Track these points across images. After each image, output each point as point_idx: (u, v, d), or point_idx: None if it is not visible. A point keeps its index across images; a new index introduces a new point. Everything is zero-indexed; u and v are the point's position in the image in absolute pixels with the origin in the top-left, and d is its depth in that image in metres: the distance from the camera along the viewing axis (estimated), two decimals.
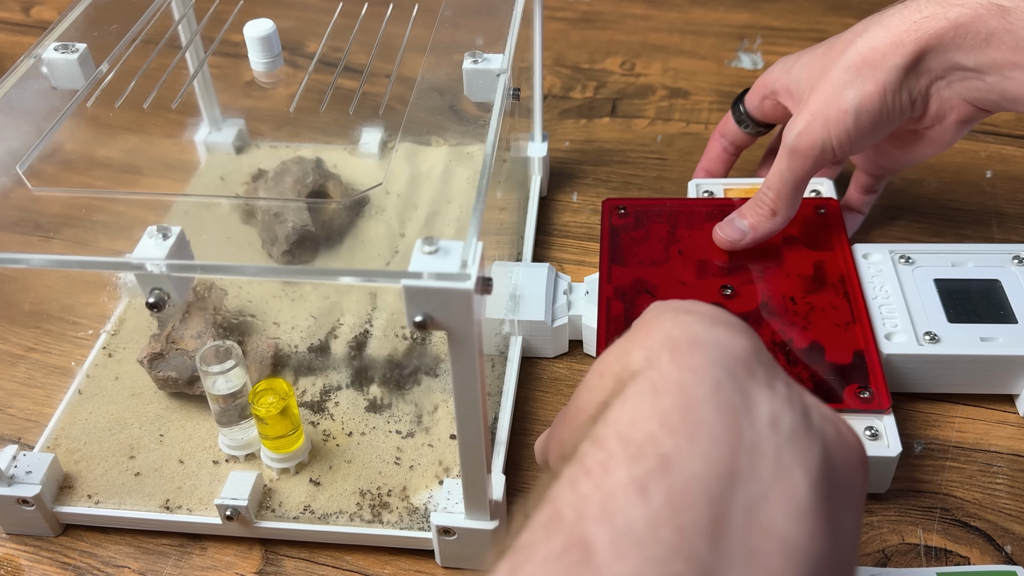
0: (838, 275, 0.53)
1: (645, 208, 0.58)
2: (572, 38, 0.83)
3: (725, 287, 0.52)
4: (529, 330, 0.53)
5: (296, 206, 0.59)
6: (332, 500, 0.46)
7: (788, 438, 0.26)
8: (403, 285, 0.33)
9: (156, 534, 0.47)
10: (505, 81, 0.44)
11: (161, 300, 0.36)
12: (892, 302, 0.52)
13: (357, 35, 0.53)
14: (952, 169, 0.67)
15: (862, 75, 0.46)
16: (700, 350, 0.27)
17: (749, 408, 0.26)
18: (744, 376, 0.27)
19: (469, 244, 0.34)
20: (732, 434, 0.25)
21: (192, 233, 0.58)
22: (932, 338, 0.49)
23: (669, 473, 0.24)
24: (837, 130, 0.47)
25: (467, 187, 0.64)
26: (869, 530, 0.46)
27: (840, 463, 0.27)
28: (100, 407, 0.52)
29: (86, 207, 0.61)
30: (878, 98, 0.46)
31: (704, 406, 0.26)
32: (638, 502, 0.23)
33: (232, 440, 0.48)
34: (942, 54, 0.45)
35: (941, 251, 0.54)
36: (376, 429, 0.50)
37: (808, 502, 0.24)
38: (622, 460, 0.25)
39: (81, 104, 0.47)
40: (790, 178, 0.50)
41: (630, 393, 0.27)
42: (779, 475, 0.25)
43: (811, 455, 0.26)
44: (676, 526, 0.23)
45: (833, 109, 0.47)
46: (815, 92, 0.48)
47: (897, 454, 0.45)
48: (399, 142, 0.67)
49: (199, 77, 0.64)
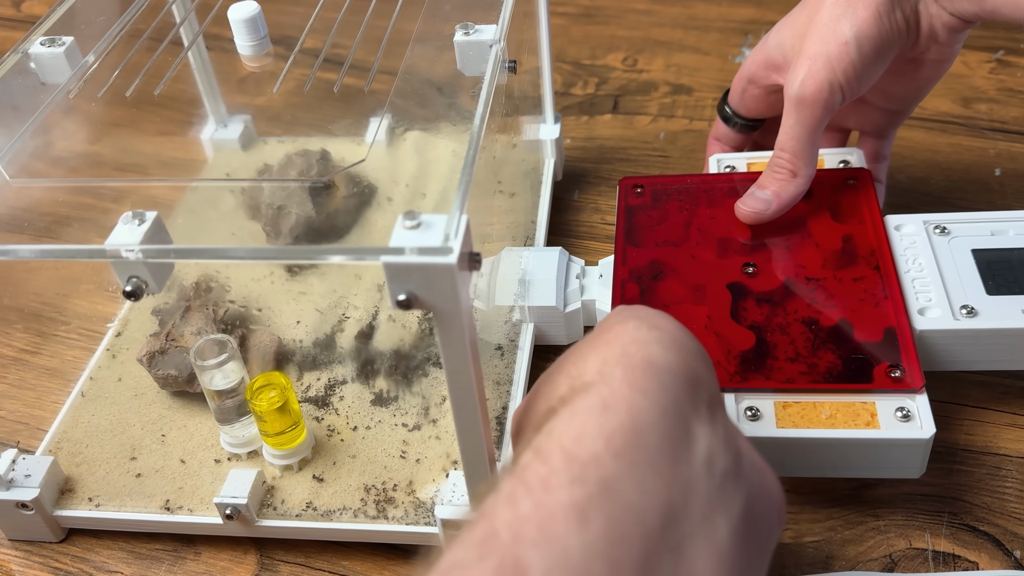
0: (869, 248, 0.51)
1: (663, 186, 0.56)
2: (573, 33, 0.82)
3: (747, 265, 0.50)
4: (541, 316, 0.52)
5: (300, 198, 0.58)
6: (336, 496, 0.45)
7: (719, 482, 0.27)
8: (383, 262, 0.32)
9: (150, 538, 0.47)
10: (498, 52, 0.43)
11: (139, 288, 0.35)
12: (926, 275, 0.49)
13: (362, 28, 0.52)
14: (960, 167, 0.65)
15: (852, 5, 0.46)
16: (653, 373, 0.28)
17: (689, 443, 0.27)
18: (688, 408, 0.28)
19: (453, 217, 0.33)
20: (671, 467, 0.26)
21: (196, 229, 0.58)
22: (969, 312, 0.47)
23: (608, 500, 0.24)
24: (842, 64, 0.46)
25: (478, 175, 0.63)
26: (876, 534, 0.44)
27: (759, 513, 0.28)
28: (102, 409, 0.51)
29: (80, 206, 0.61)
30: (875, 21, 0.46)
31: (649, 433, 0.26)
32: (576, 529, 0.24)
33: (233, 438, 0.47)
34: None
35: (979, 220, 0.52)
36: (382, 423, 0.49)
37: (727, 547, 0.26)
38: (564, 481, 0.25)
39: (76, 99, 0.47)
40: (802, 132, 0.48)
41: (579, 406, 0.27)
42: (706, 517, 0.26)
43: (735, 503, 0.27)
44: (610, 560, 0.23)
45: (832, 45, 0.46)
46: (807, 38, 0.47)
47: (931, 436, 0.42)
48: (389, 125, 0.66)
49: (203, 73, 0.64)
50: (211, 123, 0.67)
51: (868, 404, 0.44)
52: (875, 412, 0.44)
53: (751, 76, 0.53)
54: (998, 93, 0.71)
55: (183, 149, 0.67)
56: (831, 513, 0.45)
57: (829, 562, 0.43)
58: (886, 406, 0.44)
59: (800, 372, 0.45)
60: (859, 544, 0.44)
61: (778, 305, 0.49)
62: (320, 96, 0.52)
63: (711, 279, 0.50)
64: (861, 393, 0.44)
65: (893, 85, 0.52)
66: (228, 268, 0.56)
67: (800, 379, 0.45)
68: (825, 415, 0.44)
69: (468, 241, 0.33)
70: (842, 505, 0.46)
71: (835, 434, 0.43)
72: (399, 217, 0.33)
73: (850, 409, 0.44)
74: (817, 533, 0.45)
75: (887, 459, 0.43)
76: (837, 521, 0.45)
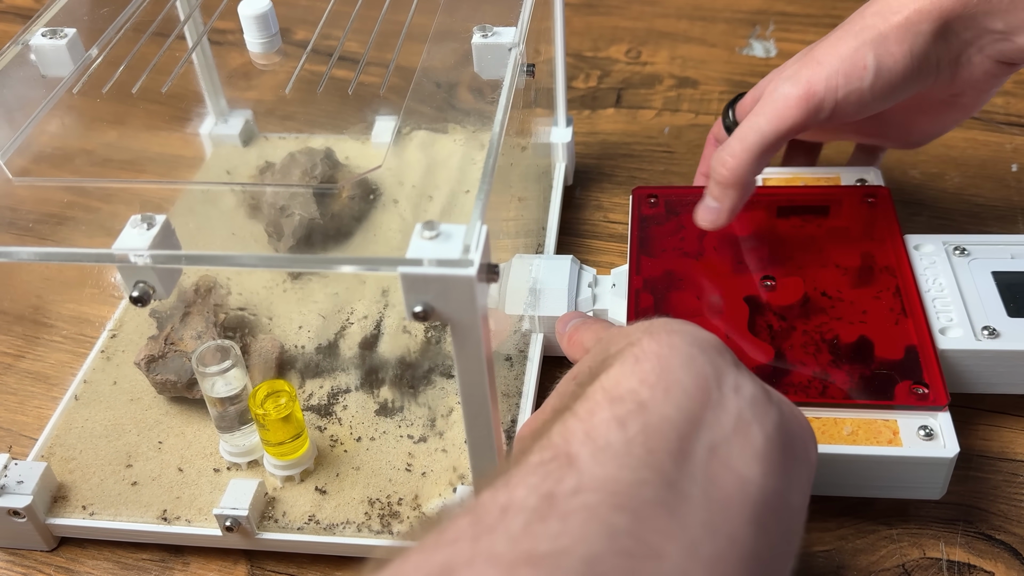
0: (888, 267, 0.51)
1: (678, 197, 0.57)
2: (575, 24, 0.82)
3: (766, 279, 0.51)
4: (551, 327, 0.52)
5: (303, 199, 0.58)
6: (339, 509, 0.45)
7: (749, 401, 0.31)
8: (400, 273, 0.32)
9: (138, 548, 0.46)
10: (517, 56, 0.43)
11: (146, 294, 0.35)
12: (947, 295, 0.50)
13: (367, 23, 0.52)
14: (975, 163, 0.65)
15: (886, 38, 0.45)
16: (676, 334, 0.32)
17: (718, 377, 0.31)
18: (714, 354, 0.32)
19: (472, 228, 0.33)
20: (702, 392, 0.30)
21: (196, 228, 0.58)
22: (991, 333, 0.47)
23: (645, 413, 0.29)
24: (849, 86, 0.45)
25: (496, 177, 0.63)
26: (888, 543, 0.45)
27: (795, 431, 0.32)
28: (97, 413, 0.51)
29: (77, 205, 0.61)
30: (903, 59, 0.45)
31: (679, 370, 0.31)
32: (617, 430, 0.28)
33: (233, 447, 0.47)
34: (971, 20, 0.44)
35: (999, 243, 0.53)
36: (387, 434, 0.49)
37: (763, 449, 0.29)
38: (605, 406, 0.29)
39: (78, 96, 0.47)
40: (767, 128, 0.45)
41: (614, 363, 0.32)
42: (739, 428, 0.30)
43: (768, 417, 0.31)
44: (647, 448, 0.28)
45: (847, 64, 0.45)
46: (824, 44, 0.46)
47: (954, 455, 0.43)
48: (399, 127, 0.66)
49: (205, 67, 0.64)
50: (211, 118, 0.67)
51: (890, 422, 0.44)
52: (897, 430, 0.44)
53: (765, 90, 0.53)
54: (1014, 86, 0.71)
55: (181, 145, 0.67)
56: (842, 521, 0.46)
57: (840, 572, 0.44)
58: (909, 424, 0.44)
59: (820, 387, 0.46)
60: (871, 553, 0.44)
61: (797, 319, 0.49)
62: (325, 92, 0.52)
63: (728, 291, 0.50)
64: (883, 410, 0.45)
65: (917, 121, 0.52)
66: (229, 270, 0.56)
67: (821, 394, 0.45)
68: (847, 431, 0.44)
69: (487, 253, 0.33)
70: (853, 513, 0.46)
71: (856, 451, 0.43)
72: (417, 226, 0.33)
73: (872, 426, 0.44)
74: (827, 542, 0.45)
75: (908, 477, 0.44)
76: (848, 530, 0.45)
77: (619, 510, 0.26)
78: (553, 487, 0.26)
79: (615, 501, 0.26)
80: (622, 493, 0.26)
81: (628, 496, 0.26)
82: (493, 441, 0.37)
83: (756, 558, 0.27)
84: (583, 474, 0.27)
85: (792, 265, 0.52)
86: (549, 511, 0.26)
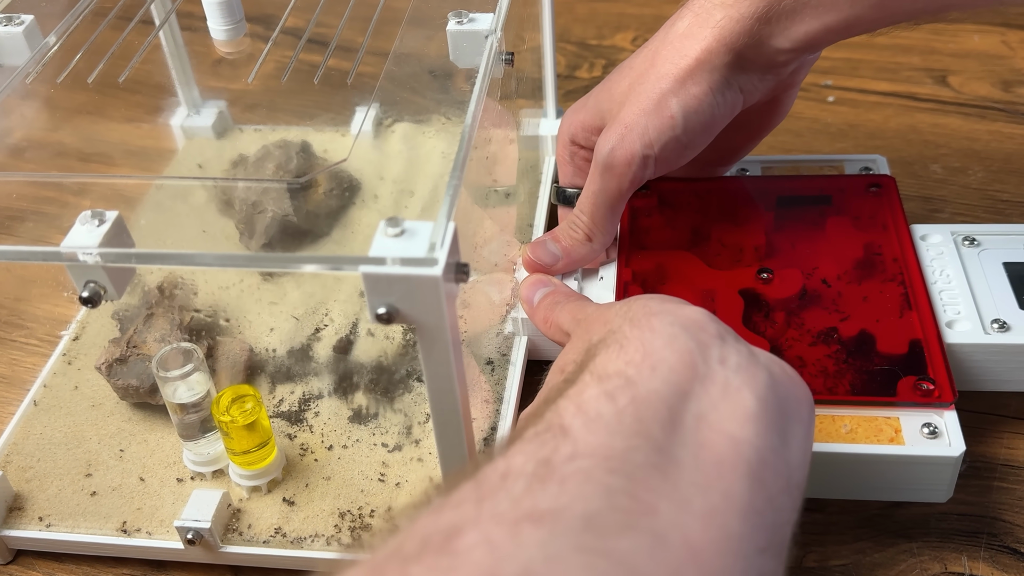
0: (892, 258, 0.51)
1: (671, 187, 0.57)
2: (578, 11, 0.81)
3: (762, 271, 0.51)
4: (534, 329, 0.52)
5: (277, 195, 0.58)
6: (307, 522, 0.45)
7: (735, 369, 0.33)
8: (362, 272, 0.32)
9: (111, 561, 0.46)
10: (494, 43, 0.43)
11: (96, 294, 0.35)
12: (954, 287, 0.50)
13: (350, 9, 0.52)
14: (1000, 156, 0.65)
15: (683, 82, 0.45)
16: (656, 316, 0.35)
17: (703, 352, 0.33)
18: (696, 330, 0.34)
19: (439, 225, 0.33)
20: (687, 368, 0.33)
21: (164, 225, 0.57)
22: (1001, 326, 0.47)
23: (633, 388, 0.32)
24: (662, 139, 0.46)
25: (470, 175, 0.63)
26: (908, 557, 0.44)
27: (788, 390, 0.34)
28: (56, 420, 0.51)
29: (38, 199, 0.61)
30: (707, 98, 0.46)
31: (663, 350, 0.33)
32: (607, 403, 0.31)
33: (197, 455, 0.47)
34: (757, 48, 0.45)
35: (1010, 232, 0.52)
36: (360, 442, 0.49)
37: (755, 410, 0.32)
38: (594, 383, 0.32)
39: (35, 83, 0.47)
40: (604, 200, 0.49)
41: (598, 352, 0.34)
42: (727, 395, 0.32)
43: (757, 379, 0.33)
44: (637, 418, 0.31)
45: (653, 118, 0.46)
46: (627, 105, 0.47)
47: (960, 454, 0.42)
48: (380, 118, 0.66)
49: (176, 55, 0.64)
50: (183, 109, 0.67)
51: (892, 419, 0.44)
52: (899, 428, 0.44)
53: (572, 138, 0.52)
54: None
55: (151, 137, 0.67)
56: (859, 534, 0.45)
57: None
58: (911, 421, 0.44)
59: (818, 383, 0.45)
60: (890, 568, 0.44)
61: (794, 313, 0.49)
62: (302, 81, 0.52)
63: (722, 284, 0.50)
64: (884, 407, 0.45)
65: (732, 139, 0.53)
66: (196, 270, 0.56)
67: (818, 390, 0.45)
68: (845, 429, 0.44)
69: (455, 251, 0.33)
70: (871, 525, 0.46)
71: (855, 449, 0.43)
72: (380, 223, 0.33)
73: (872, 424, 0.44)
74: (844, 556, 0.44)
75: (911, 479, 0.44)
76: (866, 543, 0.45)
77: (613, 473, 0.29)
78: (550, 454, 0.29)
79: (609, 465, 0.29)
80: (615, 458, 0.29)
81: (621, 460, 0.29)
82: (465, 451, 0.37)
83: (755, 511, 0.30)
84: (577, 442, 0.30)
85: (791, 256, 0.52)
86: (547, 475, 0.28)
